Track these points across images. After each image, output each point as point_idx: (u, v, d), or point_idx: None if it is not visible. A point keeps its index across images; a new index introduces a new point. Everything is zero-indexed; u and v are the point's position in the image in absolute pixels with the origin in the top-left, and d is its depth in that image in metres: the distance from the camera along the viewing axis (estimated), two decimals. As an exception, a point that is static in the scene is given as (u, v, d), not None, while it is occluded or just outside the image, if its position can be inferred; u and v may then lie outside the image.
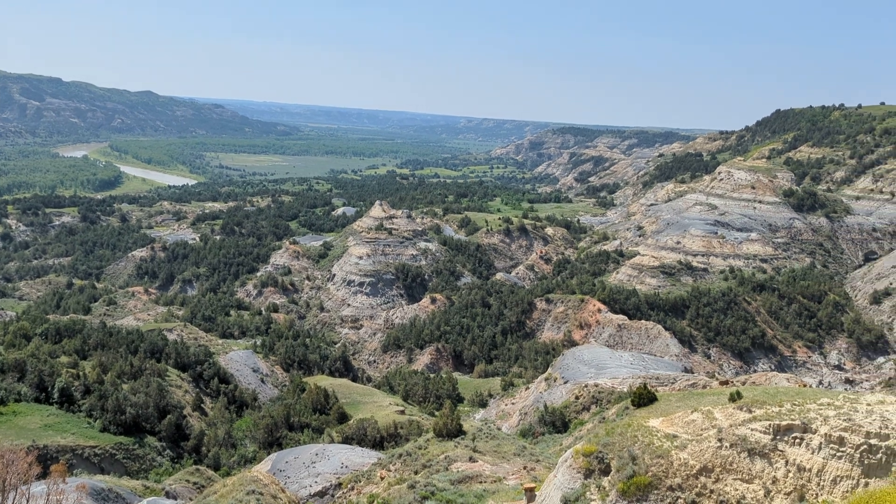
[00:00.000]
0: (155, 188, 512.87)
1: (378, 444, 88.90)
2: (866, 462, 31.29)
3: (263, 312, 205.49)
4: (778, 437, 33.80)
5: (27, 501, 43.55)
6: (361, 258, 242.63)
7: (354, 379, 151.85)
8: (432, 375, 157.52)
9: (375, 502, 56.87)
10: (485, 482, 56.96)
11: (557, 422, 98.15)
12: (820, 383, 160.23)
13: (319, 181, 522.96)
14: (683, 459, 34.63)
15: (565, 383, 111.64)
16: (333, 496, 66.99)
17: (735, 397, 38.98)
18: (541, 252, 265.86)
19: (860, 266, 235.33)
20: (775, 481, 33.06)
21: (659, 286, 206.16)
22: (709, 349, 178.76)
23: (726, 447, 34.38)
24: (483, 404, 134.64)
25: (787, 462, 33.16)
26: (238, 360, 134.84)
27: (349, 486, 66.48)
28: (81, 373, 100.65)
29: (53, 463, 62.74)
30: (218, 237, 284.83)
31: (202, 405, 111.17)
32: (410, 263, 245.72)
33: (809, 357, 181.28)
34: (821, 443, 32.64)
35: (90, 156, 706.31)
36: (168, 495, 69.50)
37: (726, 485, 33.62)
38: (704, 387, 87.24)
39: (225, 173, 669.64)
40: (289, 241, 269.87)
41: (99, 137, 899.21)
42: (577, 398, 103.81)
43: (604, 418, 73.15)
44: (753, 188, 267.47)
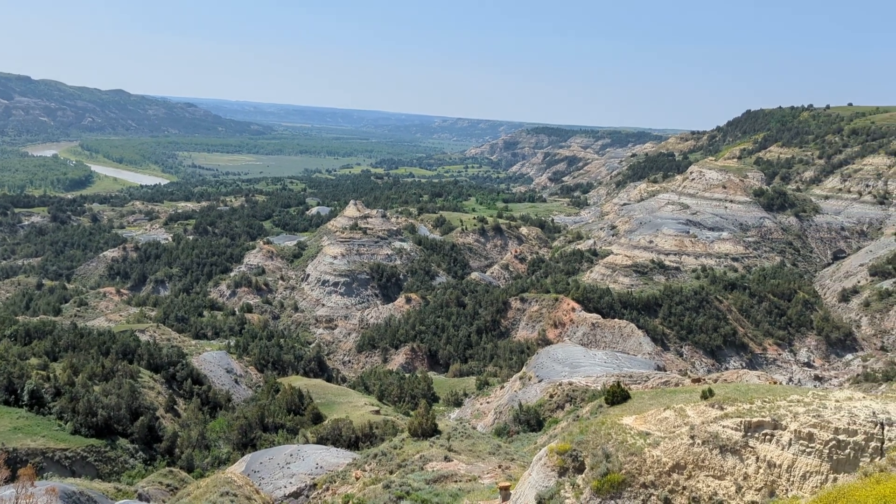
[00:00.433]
0: (127, 188, 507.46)
1: (353, 445, 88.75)
2: (835, 457, 31.78)
3: (237, 313, 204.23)
4: (749, 434, 34.23)
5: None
6: (336, 258, 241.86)
7: (329, 379, 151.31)
8: (407, 375, 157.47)
9: (350, 502, 56.81)
10: (460, 481, 57.10)
11: (532, 420, 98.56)
12: (790, 380, 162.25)
13: (293, 181, 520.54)
14: (656, 457, 34.97)
15: (540, 382, 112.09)
16: (308, 497, 66.80)
17: (707, 395, 39.37)
18: (515, 251, 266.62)
19: (829, 264, 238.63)
20: (746, 477, 33.47)
21: (632, 285, 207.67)
22: (681, 347, 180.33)
23: (698, 444, 34.76)
24: (458, 403, 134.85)
25: (758, 458, 33.58)
26: (212, 361, 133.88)
27: (324, 487, 66.33)
28: (52, 375, 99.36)
29: (23, 466, 61.93)
30: (191, 237, 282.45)
31: (175, 406, 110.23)
32: (385, 263, 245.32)
33: (780, 354, 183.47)
34: (791, 439, 33.09)
35: (60, 155, 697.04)
36: (141, 498, 68.86)
37: (699, 481, 33.99)
38: (677, 385, 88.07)
39: (198, 173, 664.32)
40: (263, 241, 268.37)
41: (69, 136, 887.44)
42: (552, 397, 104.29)
43: (578, 416, 73.60)
44: (725, 188, 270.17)
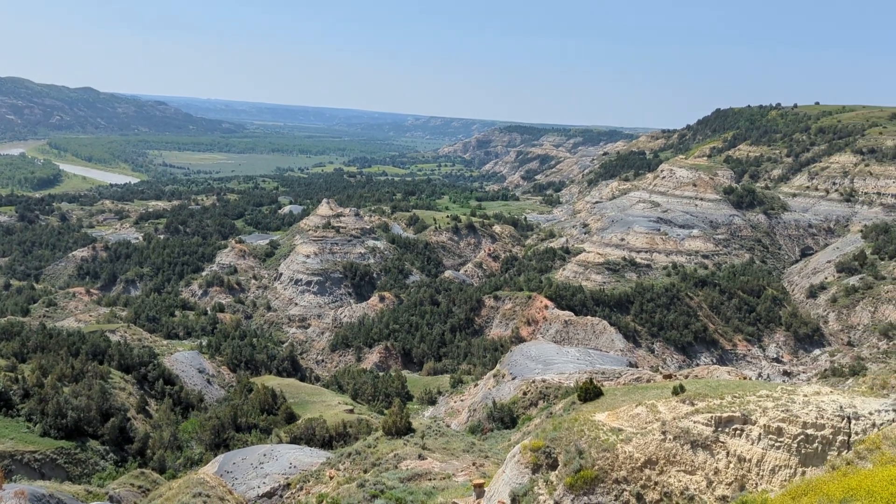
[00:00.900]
0: (96, 187, 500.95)
1: (327, 444, 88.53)
2: (803, 451, 32.28)
3: (209, 312, 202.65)
4: (719, 429, 34.66)
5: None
6: (309, 257, 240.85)
7: (302, 378, 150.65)
8: (381, 374, 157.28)
9: (325, 502, 56.69)
10: (434, 479, 57.21)
11: (506, 418, 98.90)
12: (759, 376, 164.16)
13: (265, 179, 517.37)
14: (629, 452, 35.31)
15: (513, 379, 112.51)
16: (282, 497, 66.57)
17: (678, 391, 39.76)
18: (489, 250, 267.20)
19: (797, 261, 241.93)
20: (717, 472, 33.88)
21: (604, 282, 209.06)
22: (653, 344, 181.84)
23: (670, 440, 35.14)
24: (432, 402, 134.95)
25: (729, 453, 34.00)
26: (183, 361, 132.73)
27: (298, 487, 66.14)
28: (20, 376, 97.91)
29: (-8, 469, 61.09)
30: (162, 236, 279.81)
31: (147, 407, 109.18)
32: (358, 262, 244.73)
33: (749, 350, 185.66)
34: (760, 434, 33.54)
35: (28, 153, 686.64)
36: (112, 500, 68.16)
37: (670, 476, 34.35)
38: (649, 381, 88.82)
39: (169, 171, 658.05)
40: (235, 240, 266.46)
41: (37, 135, 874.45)
42: (525, 394, 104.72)
43: (551, 413, 74.00)
44: (695, 186, 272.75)
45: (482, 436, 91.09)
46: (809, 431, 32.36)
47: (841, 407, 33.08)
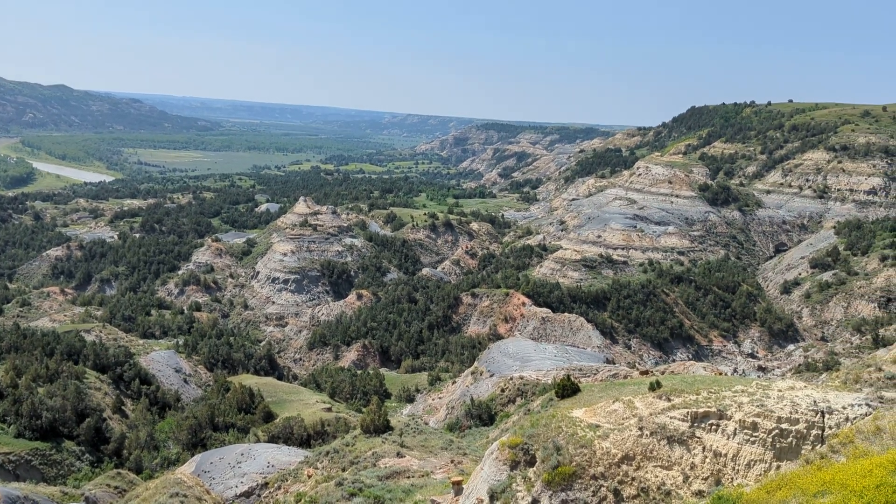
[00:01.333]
0: (70, 185, 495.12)
1: (305, 443, 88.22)
2: (778, 446, 32.59)
3: (185, 311, 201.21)
4: (695, 425, 34.92)
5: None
6: (286, 255, 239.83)
7: (280, 377, 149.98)
8: (359, 372, 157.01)
9: (303, 501, 56.49)
10: (413, 477, 57.21)
11: (484, 415, 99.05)
12: (735, 371, 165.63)
13: (242, 177, 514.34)
14: (606, 448, 35.50)
15: (491, 376, 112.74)
16: (260, 496, 66.25)
17: (654, 386, 39.98)
18: (466, 247, 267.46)
19: (771, 257, 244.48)
20: (693, 467, 34.13)
21: (581, 279, 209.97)
22: (629, 340, 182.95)
23: (647, 435, 35.36)
24: (410, 399, 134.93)
25: (705, 448, 34.25)
26: (160, 361, 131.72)
27: (276, 486, 65.85)
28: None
29: (-35, 471, 60.35)
30: (137, 235, 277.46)
31: (123, 407, 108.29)
32: (336, 260, 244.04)
33: (724, 346, 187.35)
34: (735, 428, 33.82)
35: (0, 152, 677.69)
36: (87, 501, 67.53)
37: (647, 472, 34.57)
38: (625, 377, 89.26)
39: (144, 169, 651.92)
40: (211, 239, 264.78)
41: (9, 133, 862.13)
42: (503, 391, 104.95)
43: (529, 410, 74.20)
44: (670, 183, 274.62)
45: (460, 433, 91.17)
46: (784, 426, 32.69)
47: (815, 401, 33.45)
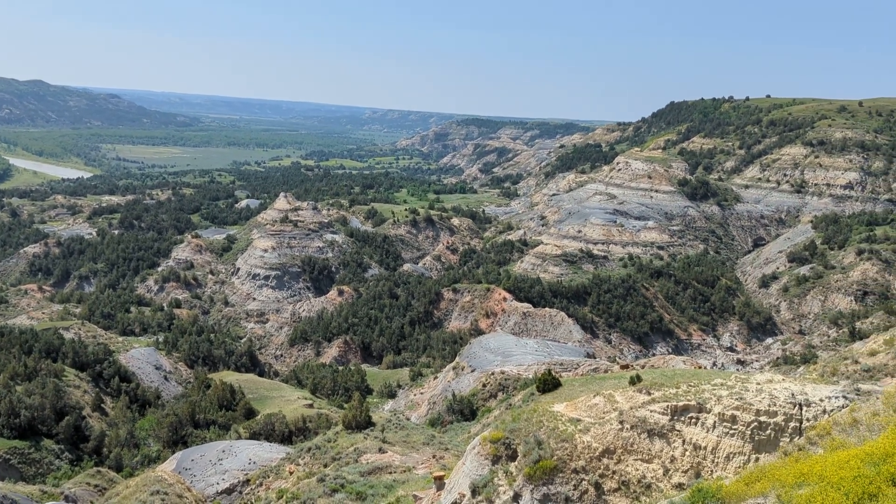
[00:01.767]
0: (48, 181, 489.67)
1: (286, 439, 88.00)
2: (756, 438, 32.93)
3: (165, 308, 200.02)
4: (675, 418, 35.19)
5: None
6: (266, 251, 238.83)
7: (261, 374, 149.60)
8: (340, 368, 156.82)
9: (284, 497, 56.41)
10: (394, 472, 57.29)
11: (465, 410, 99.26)
12: (714, 364, 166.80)
13: (222, 173, 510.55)
14: (587, 442, 35.69)
15: (473, 371, 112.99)
16: (241, 493, 66.09)
17: (635, 380, 40.21)
18: (447, 242, 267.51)
19: (749, 252, 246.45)
20: (673, 460, 34.40)
21: (562, 274, 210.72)
22: (610, 334, 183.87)
23: (627, 429, 35.60)
24: (392, 395, 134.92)
25: (684, 441, 34.52)
26: (140, 358, 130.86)
27: (257, 482, 65.71)
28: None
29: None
30: (116, 231, 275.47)
31: (102, 405, 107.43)
32: (317, 256, 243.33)
33: (704, 340, 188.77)
34: (715, 421, 34.12)
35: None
36: (67, 499, 67.12)
37: (628, 465, 34.80)
38: (606, 371, 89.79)
39: (122, 166, 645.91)
40: (191, 235, 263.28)
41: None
42: (485, 386, 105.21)
43: (510, 405, 74.47)
44: (650, 178, 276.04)
45: (442, 428, 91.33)
46: (762, 419, 33.02)
47: (793, 394, 33.83)
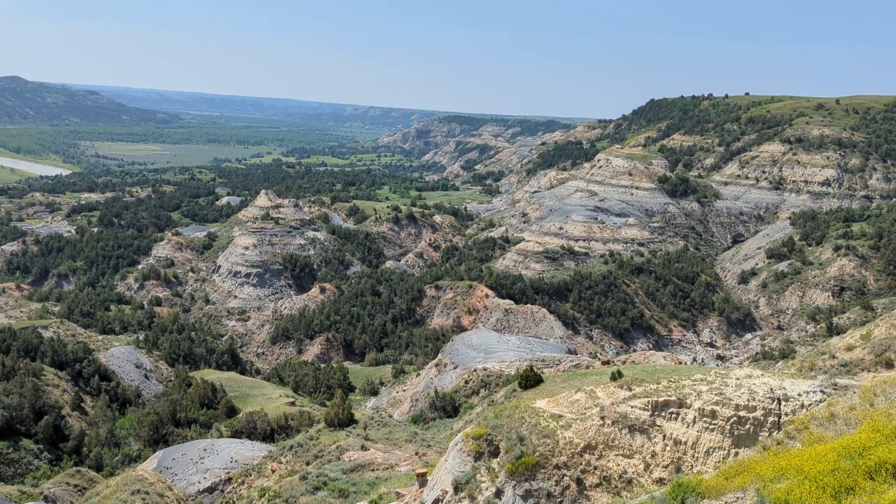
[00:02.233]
0: (25, 179, 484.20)
1: (269, 437, 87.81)
2: (736, 433, 33.25)
3: (146, 306, 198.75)
4: (656, 413, 35.46)
5: None
6: (248, 249, 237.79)
7: (243, 372, 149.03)
8: (323, 365, 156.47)
9: (266, 495, 56.29)
10: (377, 470, 57.32)
11: (448, 407, 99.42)
12: (694, 360, 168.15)
13: (202, 170, 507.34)
14: (568, 438, 35.88)
15: (455, 368, 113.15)
16: (223, 491, 65.88)
17: (616, 376, 40.43)
18: (429, 240, 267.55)
19: (729, 248, 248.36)
20: (654, 455, 34.66)
21: (543, 271, 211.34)
22: (591, 330, 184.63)
23: (608, 425, 35.82)
24: (374, 392, 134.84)
25: (665, 436, 34.78)
26: (120, 357, 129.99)
27: (239, 481, 65.52)
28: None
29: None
30: (95, 229, 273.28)
31: (82, 404, 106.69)
32: (298, 253, 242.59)
33: (684, 335, 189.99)
34: (695, 417, 34.40)
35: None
36: (47, 500, 66.60)
37: (609, 461, 35.02)
38: (587, 367, 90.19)
39: (101, 163, 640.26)
40: (171, 233, 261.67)
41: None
42: (467, 382, 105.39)
43: (492, 401, 74.70)
44: (630, 175, 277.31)
45: (425, 425, 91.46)
46: (742, 413, 33.36)
47: (771, 389, 34.20)
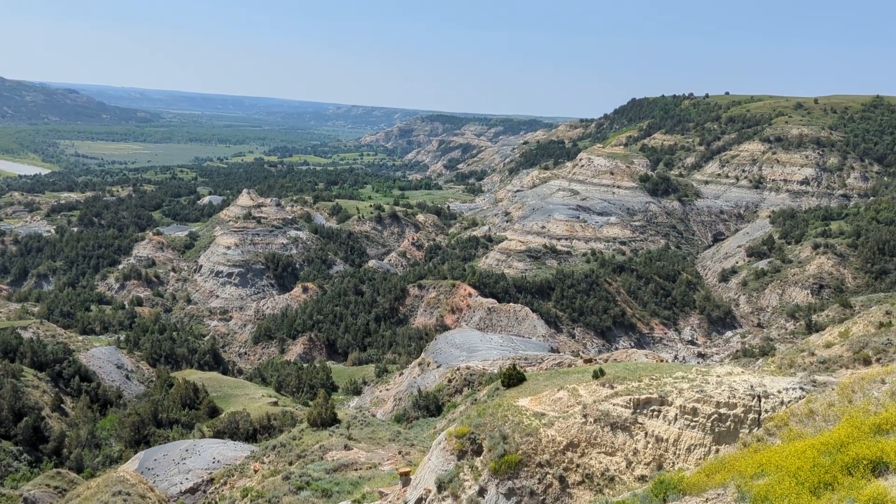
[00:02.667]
0: (3, 178, 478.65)
1: (251, 437, 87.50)
2: (717, 430, 33.59)
3: (127, 306, 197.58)
4: (638, 411, 35.73)
5: None
6: (229, 248, 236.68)
7: (225, 372, 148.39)
8: (305, 365, 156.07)
9: (249, 496, 56.15)
10: (360, 469, 57.32)
11: (431, 405, 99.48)
12: (675, 358, 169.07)
13: (183, 169, 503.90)
14: (551, 436, 36.05)
15: (438, 367, 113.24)
16: (205, 492, 65.61)
17: (598, 374, 40.70)
18: (412, 239, 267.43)
19: (709, 246, 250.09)
20: (636, 452, 34.91)
21: (526, 269, 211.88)
22: (573, 329, 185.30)
23: (591, 422, 36.03)
24: (357, 392, 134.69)
25: (647, 434, 35.05)
26: (100, 357, 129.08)
27: (222, 481, 65.28)
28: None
29: None
30: (75, 229, 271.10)
31: (62, 405, 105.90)
32: (281, 252, 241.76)
33: (665, 333, 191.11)
34: (676, 414, 34.70)
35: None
36: (27, 501, 66.06)
37: (591, 458, 35.23)
38: (570, 365, 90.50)
39: (81, 162, 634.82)
40: (152, 232, 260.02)
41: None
42: (450, 381, 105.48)
43: (475, 400, 74.79)
44: (612, 174, 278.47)
45: (408, 424, 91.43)
46: (722, 411, 33.70)
47: (751, 386, 34.56)
